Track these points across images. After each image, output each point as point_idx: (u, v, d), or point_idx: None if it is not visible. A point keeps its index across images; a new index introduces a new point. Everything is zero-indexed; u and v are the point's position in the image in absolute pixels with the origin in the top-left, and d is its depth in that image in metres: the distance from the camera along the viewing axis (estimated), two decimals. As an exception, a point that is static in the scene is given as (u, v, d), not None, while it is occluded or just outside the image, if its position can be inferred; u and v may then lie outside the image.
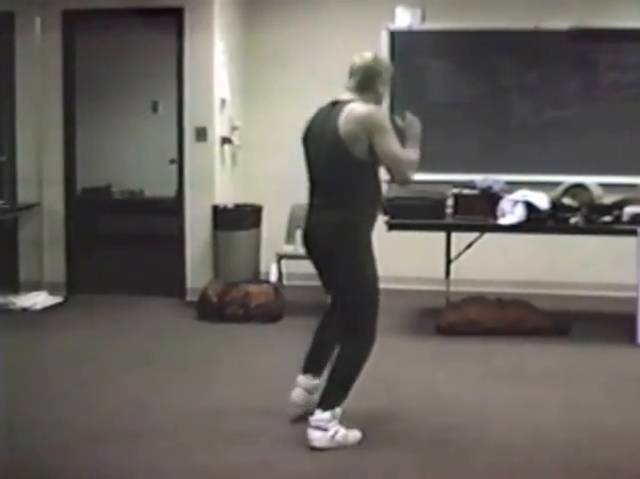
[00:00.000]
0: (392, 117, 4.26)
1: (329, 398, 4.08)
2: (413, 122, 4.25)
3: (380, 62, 4.26)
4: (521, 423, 4.41)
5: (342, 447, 4.04)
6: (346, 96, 4.16)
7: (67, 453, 4.01)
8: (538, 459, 3.95)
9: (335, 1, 7.84)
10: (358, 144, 3.97)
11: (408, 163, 4.04)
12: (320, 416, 4.05)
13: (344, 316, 4.13)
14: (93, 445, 4.11)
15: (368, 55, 4.24)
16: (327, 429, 4.03)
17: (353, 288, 4.07)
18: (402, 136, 4.16)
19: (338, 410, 4.09)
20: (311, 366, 4.40)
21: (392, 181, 4.11)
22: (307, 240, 4.26)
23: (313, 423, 4.06)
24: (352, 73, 4.21)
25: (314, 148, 4.18)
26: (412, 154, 4.09)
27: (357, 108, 4.03)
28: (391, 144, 4.00)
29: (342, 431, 4.08)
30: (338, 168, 4.04)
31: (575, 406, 4.70)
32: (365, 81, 4.17)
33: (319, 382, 4.36)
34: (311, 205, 4.24)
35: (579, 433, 4.28)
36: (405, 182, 4.08)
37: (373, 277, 4.11)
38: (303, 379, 4.40)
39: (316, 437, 4.04)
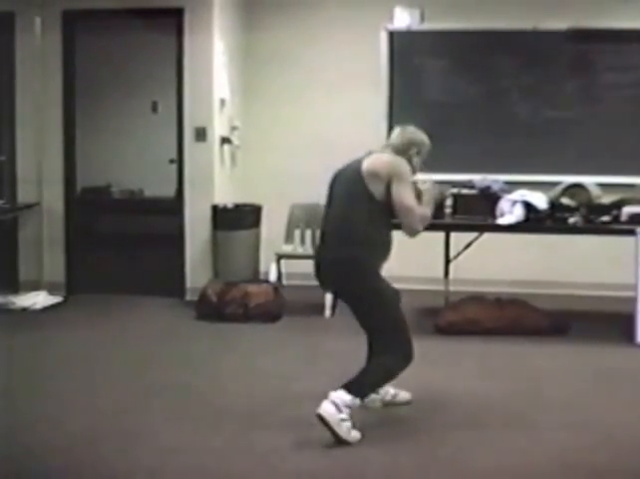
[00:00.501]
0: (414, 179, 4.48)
1: (356, 385, 4.15)
2: (431, 189, 4.51)
3: (421, 137, 4.55)
4: (520, 423, 4.42)
5: (343, 441, 4.06)
6: (383, 150, 4.46)
7: (67, 453, 4.02)
8: (538, 459, 3.96)
9: (334, 2, 7.86)
10: (376, 183, 4.20)
11: (419, 216, 4.29)
12: (342, 395, 4.08)
13: (372, 342, 4.38)
14: (93, 445, 4.12)
15: (411, 128, 4.57)
16: (340, 411, 4.06)
17: (372, 319, 4.30)
18: (418, 196, 4.38)
19: (357, 401, 4.13)
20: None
21: (404, 232, 4.36)
22: (319, 274, 4.44)
23: (331, 398, 4.08)
24: (394, 135, 4.52)
25: (335, 191, 4.42)
26: (425, 210, 4.35)
27: (385, 155, 4.34)
28: (407, 194, 4.22)
29: (349, 423, 4.10)
30: (355, 203, 4.24)
31: (574, 406, 4.71)
32: (404, 145, 4.45)
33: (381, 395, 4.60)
34: (322, 240, 4.46)
35: (578, 432, 4.29)
36: (413, 233, 4.36)
37: (389, 293, 4.34)
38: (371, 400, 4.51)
39: (328, 410, 4.05)
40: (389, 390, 4.63)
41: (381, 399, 4.61)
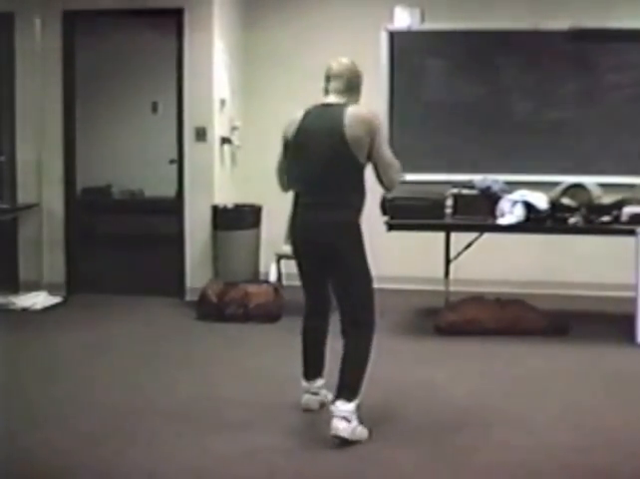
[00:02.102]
0: None
1: (349, 389, 4.13)
2: None
3: (357, 66, 4.36)
4: (520, 423, 4.42)
5: (355, 443, 4.07)
6: (332, 99, 4.26)
7: (67, 453, 4.02)
8: (537, 459, 3.95)
9: (334, 1, 7.86)
10: (362, 149, 4.12)
11: (398, 171, 4.27)
12: (345, 407, 4.08)
13: (349, 312, 4.22)
14: (93, 445, 4.11)
15: (346, 60, 4.35)
16: (351, 421, 4.07)
17: (358, 284, 4.22)
18: None
19: (358, 401, 4.14)
20: (312, 371, 4.51)
21: (381, 186, 4.29)
22: (303, 240, 4.30)
23: (339, 414, 4.08)
24: (334, 76, 4.28)
25: (309, 149, 4.20)
26: (398, 163, 4.28)
27: (362, 111, 4.17)
28: (387, 149, 4.21)
29: (360, 426, 4.13)
30: (340, 169, 4.14)
31: (574, 406, 4.71)
32: (351, 83, 4.28)
33: (323, 382, 4.49)
34: (304, 204, 4.27)
35: (578, 433, 4.29)
36: (392, 187, 4.33)
37: (370, 272, 4.28)
38: (308, 385, 4.50)
39: (342, 427, 4.05)
40: (325, 393, 4.53)
41: (320, 401, 4.54)
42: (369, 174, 4.25)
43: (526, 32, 7.46)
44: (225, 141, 7.53)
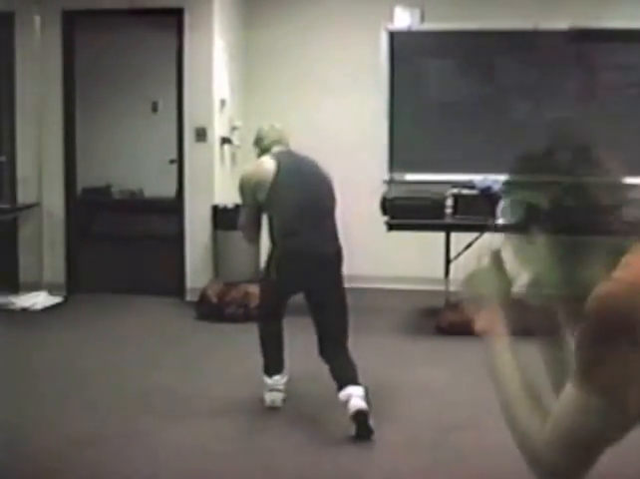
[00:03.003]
0: None
1: (355, 379, 4.25)
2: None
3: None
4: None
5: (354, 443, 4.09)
6: (286, 149, 4.78)
7: (66, 453, 4.02)
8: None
9: (334, 1, 7.85)
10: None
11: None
12: (360, 389, 4.18)
13: (338, 332, 4.45)
14: (92, 445, 4.12)
15: (279, 125, 4.94)
16: (366, 403, 4.18)
17: (344, 307, 4.52)
18: None
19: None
20: (277, 366, 4.65)
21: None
22: (307, 265, 4.44)
23: (357, 393, 4.16)
24: (275, 133, 4.83)
25: (303, 185, 4.52)
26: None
27: None
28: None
29: None
30: (332, 206, 4.58)
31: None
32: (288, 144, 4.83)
33: (286, 379, 4.66)
34: (306, 231, 4.46)
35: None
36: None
37: None
38: (273, 381, 4.59)
39: (364, 405, 4.14)
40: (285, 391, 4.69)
41: (284, 398, 4.63)
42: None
43: (526, 32, 7.45)
44: (225, 141, 7.53)
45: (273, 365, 4.62)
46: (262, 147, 4.72)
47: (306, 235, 4.46)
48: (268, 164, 4.55)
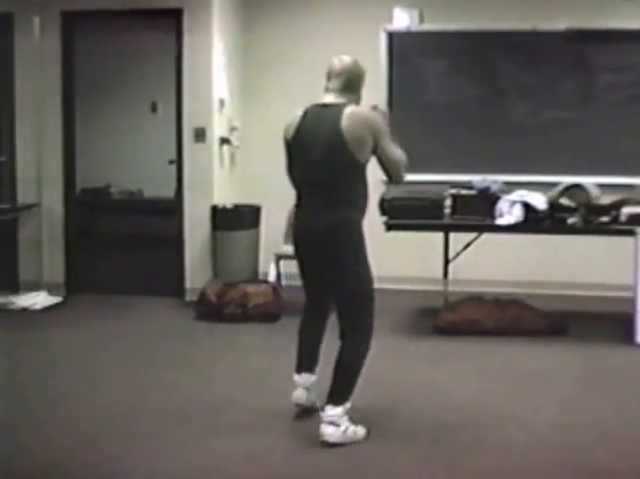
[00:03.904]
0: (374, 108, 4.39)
1: (338, 394, 4.13)
2: (386, 113, 4.53)
3: (360, 65, 4.38)
4: (519, 423, 4.43)
5: (351, 443, 4.08)
6: (330, 98, 4.25)
7: (67, 453, 4.03)
8: (536, 459, 3.96)
9: (333, 2, 7.86)
10: (363, 148, 4.11)
11: (404, 164, 4.30)
12: (333, 412, 4.09)
13: (345, 314, 4.20)
14: (93, 445, 4.12)
15: (348, 58, 4.35)
16: (339, 424, 4.08)
17: (356, 286, 4.18)
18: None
19: (348, 405, 4.14)
20: (305, 364, 4.50)
21: (389, 181, 4.33)
22: (303, 240, 4.30)
23: (326, 419, 4.09)
24: (334, 75, 4.28)
25: (307, 149, 4.20)
26: (403, 155, 4.31)
27: (361, 112, 4.17)
28: (392, 148, 4.23)
29: (352, 427, 4.13)
30: (339, 169, 4.13)
31: (573, 406, 4.72)
32: (350, 82, 4.28)
33: (315, 378, 4.47)
34: (304, 204, 4.28)
35: (577, 433, 4.30)
36: (401, 181, 4.36)
37: (370, 274, 4.22)
38: (300, 379, 4.48)
39: (329, 432, 4.07)
40: (316, 400, 4.50)
41: (313, 402, 4.51)
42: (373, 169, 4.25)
43: (525, 33, 7.46)
44: (224, 141, 7.54)
45: (298, 362, 4.51)
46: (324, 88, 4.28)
47: (302, 210, 4.27)
48: (296, 114, 4.27)
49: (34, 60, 7.36)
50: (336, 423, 4.07)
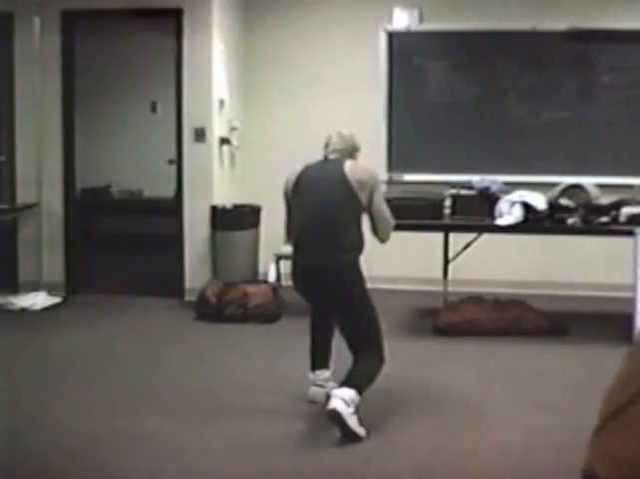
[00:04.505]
0: None
1: (358, 384, 4.21)
2: None
3: (355, 138, 4.68)
4: (518, 423, 4.44)
5: (351, 437, 4.09)
6: (334, 155, 4.55)
7: (67, 453, 4.03)
8: (536, 459, 3.97)
9: (333, 2, 7.86)
10: (363, 190, 4.38)
11: (391, 226, 4.56)
12: (346, 391, 4.13)
13: (357, 342, 4.39)
14: (93, 445, 4.13)
15: (347, 132, 4.66)
16: (349, 405, 4.10)
17: (363, 319, 4.41)
18: None
19: (358, 398, 4.17)
20: (318, 362, 4.69)
21: (374, 235, 4.56)
22: (306, 280, 4.47)
23: (339, 395, 4.11)
24: (332, 149, 4.58)
25: (312, 193, 4.44)
26: (392, 218, 4.56)
27: (362, 164, 4.55)
28: (384, 204, 4.51)
29: (357, 418, 4.15)
30: (344, 210, 4.37)
31: (572, 406, 4.72)
32: (349, 151, 4.59)
33: (329, 372, 4.65)
34: (305, 247, 4.45)
35: (577, 433, 4.29)
36: (386, 240, 4.59)
37: (373, 306, 4.48)
38: (315, 376, 4.65)
39: (340, 405, 4.08)
40: (333, 384, 4.62)
41: (326, 393, 4.57)
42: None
43: (525, 33, 7.46)
44: (224, 141, 7.54)
45: (312, 360, 4.70)
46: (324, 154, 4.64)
47: (305, 250, 4.47)
48: (296, 169, 4.58)
49: (34, 60, 7.36)
50: (347, 402, 4.10)
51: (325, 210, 4.37)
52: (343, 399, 4.10)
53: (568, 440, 4.20)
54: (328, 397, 4.45)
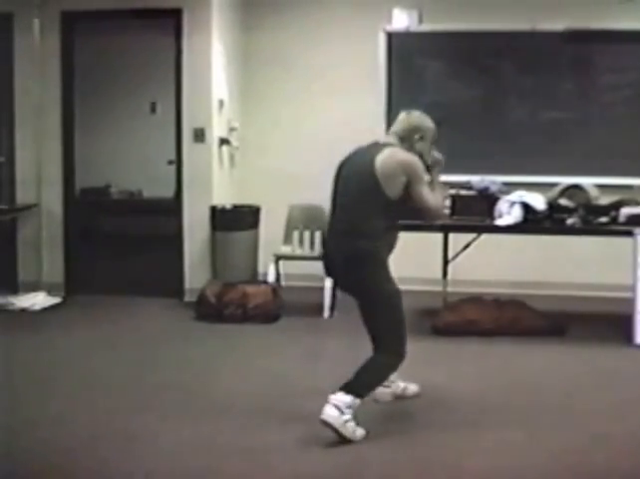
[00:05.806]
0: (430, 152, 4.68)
1: (355, 385, 4.19)
2: (441, 160, 4.76)
3: (421, 123, 4.57)
4: (518, 423, 4.44)
5: (346, 439, 4.09)
6: (387, 139, 4.48)
7: (67, 453, 4.03)
8: (536, 459, 3.97)
9: (333, 3, 7.86)
10: (393, 185, 4.25)
11: (438, 209, 4.49)
12: (342, 397, 4.12)
13: (372, 333, 4.38)
14: (92, 445, 4.12)
15: (416, 113, 4.56)
16: (343, 413, 4.10)
17: (380, 312, 4.37)
18: (433, 168, 4.65)
19: (358, 401, 4.16)
20: None
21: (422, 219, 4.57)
22: (327, 263, 4.52)
23: (332, 401, 4.11)
24: (396, 123, 4.52)
25: (347, 180, 4.40)
26: (439, 200, 4.51)
27: (399, 153, 4.35)
28: (425, 194, 4.37)
29: (352, 423, 4.14)
30: (367, 199, 4.28)
31: (572, 406, 4.72)
32: (406, 133, 4.48)
33: (395, 374, 4.64)
34: (331, 229, 4.49)
35: (577, 433, 4.30)
36: (432, 220, 4.68)
37: (393, 294, 4.42)
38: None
39: (331, 414, 4.09)
40: (399, 384, 4.72)
41: (391, 393, 4.69)
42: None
43: (524, 33, 7.47)
44: (224, 142, 7.54)
45: None
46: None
47: (328, 240, 4.55)
48: (345, 157, 4.55)
49: (33, 60, 7.36)
50: (340, 409, 4.10)
51: (347, 200, 4.35)
52: (337, 406, 4.10)
53: (568, 440, 4.21)
54: (403, 394, 4.69)
